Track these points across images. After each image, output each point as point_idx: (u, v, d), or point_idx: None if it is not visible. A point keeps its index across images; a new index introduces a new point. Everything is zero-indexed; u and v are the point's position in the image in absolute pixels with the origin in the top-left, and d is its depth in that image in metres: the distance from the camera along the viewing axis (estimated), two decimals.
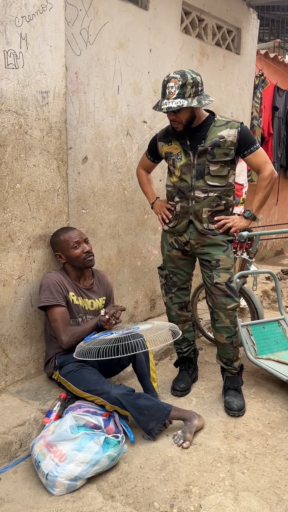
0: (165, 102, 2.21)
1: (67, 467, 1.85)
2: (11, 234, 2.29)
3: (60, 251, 2.42)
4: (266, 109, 5.14)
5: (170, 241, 2.58)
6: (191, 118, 2.31)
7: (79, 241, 2.39)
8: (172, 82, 2.18)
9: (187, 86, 2.17)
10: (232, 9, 3.92)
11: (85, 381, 2.22)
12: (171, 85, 2.19)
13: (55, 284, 2.33)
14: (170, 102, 2.19)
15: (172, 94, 2.19)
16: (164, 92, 2.22)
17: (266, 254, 6.41)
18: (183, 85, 2.17)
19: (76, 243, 2.39)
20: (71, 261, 2.42)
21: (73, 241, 2.38)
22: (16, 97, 2.20)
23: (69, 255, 2.39)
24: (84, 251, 2.40)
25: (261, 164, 2.42)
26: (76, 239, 2.39)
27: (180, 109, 2.22)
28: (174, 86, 2.18)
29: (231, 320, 2.47)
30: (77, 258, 2.39)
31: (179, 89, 2.17)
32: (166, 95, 2.21)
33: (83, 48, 2.68)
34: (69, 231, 2.42)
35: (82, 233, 2.47)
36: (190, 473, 1.96)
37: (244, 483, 1.90)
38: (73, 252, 2.38)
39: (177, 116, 2.27)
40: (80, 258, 2.39)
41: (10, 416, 2.17)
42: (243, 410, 2.46)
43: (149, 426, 2.14)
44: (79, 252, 2.39)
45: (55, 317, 2.31)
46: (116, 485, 1.90)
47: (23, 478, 1.94)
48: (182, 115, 2.27)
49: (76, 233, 2.42)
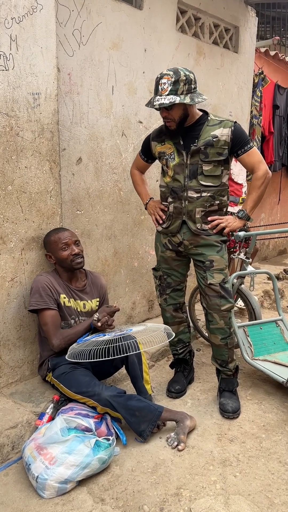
0: (157, 98, 2.19)
1: (57, 470, 1.84)
2: (3, 236, 2.29)
3: (50, 251, 2.42)
4: (266, 107, 5.09)
5: (163, 242, 2.57)
6: (184, 116, 2.29)
7: (68, 242, 2.39)
8: (165, 78, 2.17)
9: (179, 83, 2.16)
10: (229, 7, 3.89)
11: (76, 383, 2.21)
12: (163, 82, 2.17)
13: (45, 287, 2.32)
14: (162, 98, 2.18)
15: (165, 90, 2.17)
16: (157, 88, 2.20)
17: (269, 253, 6.36)
18: (176, 81, 2.16)
19: (65, 245, 2.38)
20: (59, 262, 2.42)
21: (62, 242, 2.38)
22: (6, 99, 2.20)
23: (58, 256, 2.39)
24: (72, 253, 2.38)
25: (255, 164, 2.39)
26: (65, 240, 2.38)
27: (173, 106, 2.21)
28: (167, 83, 2.17)
29: (225, 322, 2.45)
30: (64, 259, 2.39)
31: (172, 85, 2.16)
32: (159, 92, 2.19)
33: (76, 49, 2.67)
34: (60, 232, 2.42)
35: (74, 234, 2.46)
36: (181, 476, 1.94)
37: (235, 486, 1.88)
38: (61, 254, 2.38)
39: (169, 113, 2.25)
40: (68, 260, 2.39)
41: (2, 418, 2.17)
42: (238, 412, 2.43)
43: (141, 428, 2.13)
44: (66, 254, 2.38)
45: (45, 320, 2.31)
46: (107, 488, 1.89)
47: (14, 481, 1.94)
48: (175, 112, 2.25)
49: (66, 234, 2.41)
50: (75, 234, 2.50)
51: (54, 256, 2.41)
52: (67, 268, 2.43)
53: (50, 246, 2.41)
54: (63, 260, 2.39)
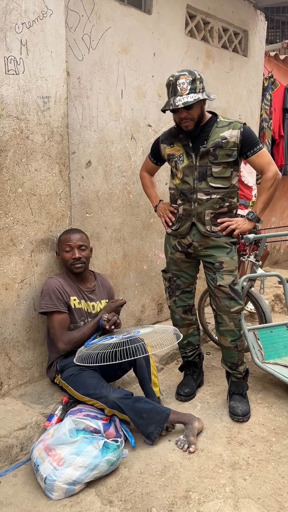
0: (178, 98, 2.19)
1: (65, 471, 1.84)
2: (13, 238, 2.31)
3: (58, 250, 2.48)
4: (276, 111, 5.08)
5: (173, 244, 2.57)
6: (201, 115, 2.31)
7: (72, 245, 2.40)
8: (183, 78, 2.18)
9: (196, 81, 2.19)
10: (238, 11, 3.90)
11: (84, 385, 2.21)
12: (182, 82, 2.18)
13: (55, 290, 2.33)
14: (184, 97, 2.17)
15: (185, 89, 2.18)
16: (175, 89, 2.20)
17: (280, 257, 6.32)
18: (193, 80, 2.18)
19: (69, 247, 2.40)
20: (62, 262, 2.47)
21: (66, 244, 2.41)
22: (17, 103, 2.23)
23: (61, 256, 2.45)
24: (73, 257, 2.39)
25: (265, 165, 2.38)
26: (69, 242, 2.40)
27: (193, 105, 2.22)
28: (185, 82, 2.18)
29: (235, 323, 2.43)
30: (65, 261, 2.43)
31: (191, 84, 2.18)
32: (178, 92, 2.19)
33: (86, 53, 2.70)
34: (69, 233, 2.44)
35: (83, 238, 2.45)
36: (190, 478, 1.93)
37: (245, 489, 1.86)
38: (63, 255, 2.43)
39: (189, 112, 2.25)
40: (68, 263, 2.42)
41: (11, 419, 2.17)
42: (247, 415, 2.41)
43: (148, 430, 2.12)
44: (68, 256, 2.41)
45: (53, 324, 2.33)
46: (115, 490, 1.88)
47: (22, 482, 1.94)
48: (195, 111, 2.26)
49: (74, 237, 2.42)
50: (85, 238, 2.48)
51: (60, 255, 2.46)
52: (69, 270, 2.45)
53: (59, 244, 2.47)
54: (64, 261, 2.44)
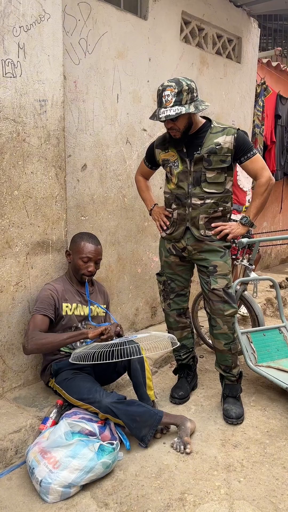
0: (162, 110, 2.20)
1: (60, 474, 1.83)
2: (9, 241, 2.31)
3: (72, 251, 2.45)
4: (268, 117, 5.15)
5: (167, 247, 2.58)
6: (189, 125, 2.31)
7: (91, 258, 2.40)
8: (168, 90, 2.18)
9: (183, 93, 2.17)
10: (232, 18, 3.95)
11: (78, 389, 2.21)
12: (167, 93, 2.18)
13: (49, 296, 2.33)
14: (167, 110, 2.18)
15: (169, 102, 2.18)
16: (161, 101, 2.21)
17: (271, 262, 6.37)
18: (179, 92, 2.17)
19: (87, 259, 2.39)
20: (73, 266, 2.45)
21: (86, 255, 2.39)
22: (14, 106, 2.23)
23: (75, 261, 2.42)
24: (88, 269, 2.40)
25: (258, 171, 2.40)
26: (90, 254, 2.39)
27: (178, 117, 2.22)
28: (170, 94, 2.17)
29: (229, 327, 2.45)
30: (78, 269, 2.42)
31: (176, 96, 2.17)
32: (163, 104, 2.20)
33: (82, 57, 2.72)
34: (91, 243, 2.42)
35: (101, 252, 2.45)
36: (185, 481, 1.94)
37: (240, 491, 1.87)
38: (78, 262, 2.40)
39: (175, 124, 2.27)
40: (80, 272, 2.42)
41: (6, 422, 2.16)
42: (241, 418, 2.43)
43: (142, 433, 2.12)
44: (83, 266, 2.40)
45: (30, 322, 2.27)
46: (111, 492, 1.88)
47: (17, 485, 1.93)
48: (180, 122, 2.26)
49: (95, 250, 2.41)
50: (101, 251, 2.48)
51: (72, 257, 2.44)
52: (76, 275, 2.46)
53: (75, 248, 2.43)
54: (77, 268, 2.42)
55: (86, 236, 2.47)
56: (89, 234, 2.50)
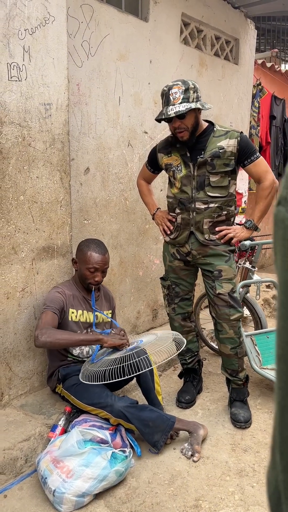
0: (170, 108, 2.19)
1: (74, 483, 1.82)
2: (15, 246, 2.28)
3: (78, 260, 2.40)
4: (263, 118, 5.17)
5: (172, 252, 2.57)
6: (196, 124, 2.30)
7: (98, 268, 2.35)
8: (176, 88, 2.19)
9: (189, 91, 2.19)
10: (230, 20, 3.95)
11: (88, 394, 2.19)
12: (174, 91, 2.19)
13: (59, 298, 2.30)
14: (176, 106, 2.18)
15: (177, 99, 2.18)
16: (168, 99, 2.20)
17: (266, 262, 6.41)
18: (186, 89, 2.18)
19: (94, 269, 2.34)
20: (79, 275, 2.40)
21: (92, 265, 2.33)
22: (19, 110, 2.20)
23: (82, 271, 2.37)
24: (95, 279, 2.36)
25: (262, 174, 2.41)
26: (97, 265, 2.34)
27: (186, 115, 2.22)
28: (178, 91, 2.18)
29: (235, 331, 2.46)
30: (84, 278, 2.37)
31: (183, 93, 2.18)
32: (171, 101, 2.19)
33: (85, 60, 2.69)
34: (98, 253, 2.35)
35: (107, 262, 2.40)
36: (199, 487, 1.94)
37: (254, 497, 1.88)
38: (85, 271, 2.35)
39: (182, 122, 2.25)
40: (86, 281, 2.37)
41: (14, 431, 2.14)
42: (249, 421, 2.44)
43: (154, 438, 2.12)
44: (90, 276, 2.35)
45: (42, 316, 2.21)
46: (124, 500, 1.87)
47: (29, 495, 1.91)
48: (188, 120, 2.25)
49: (101, 260, 2.35)
50: (108, 259, 2.42)
51: (79, 266, 2.39)
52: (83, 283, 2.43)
53: (82, 257, 2.37)
54: (83, 277, 2.38)
55: (93, 245, 2.39)
56: (96, 242, 2.42)
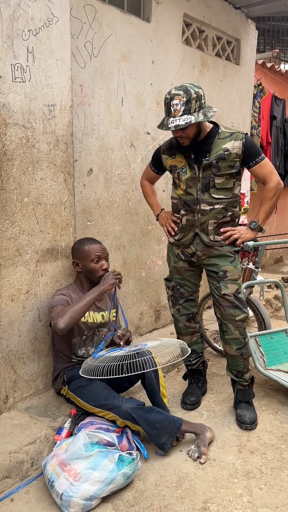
0: (171, 120, 2.16)
1: (82, 487, 1.81)
2: (19, 248, 2.27)
3: (79, 259, 2.40)
4: (264, 118, 5.17)
5: (176, 253, 2.57)
6: (198, 132, 2.29)
7: (101, 256, 2.37)
8: (176, 99, 2.14)
9: (191, 101, 2.14)
10: (231, 20, 3.95)
11: (95, 396, 2.18)
12: (175, 103, 2.14)
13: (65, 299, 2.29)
14: (177, 119, 2.15)
15: (178, 111, 2.14)
16: (169, 110, 2.17)
17: (266, 262, 6.41)
18: (188, 101, 2.13)
19: (97, 258, 2.36)
20: (86, 273, 2.40)
21: (95, 255, 2.36)
22: (23, 111, 2.19)
23: (87, 267, 2.37)
24: (103, 267, 2.37)
25: (267, 175, 2.40)
26: (98, 253, 2.37)
27: (188, 126, 2.18)
28: (179, 103, 2.14)
29: (240, 332, 2.45)
30: (93, 272, 2.37)
31: (185, 105, 2.13)
32: (172, 113, 2.16)
33: (88, 61, 2.68)
34: (95, 243, 2.40)
35: (106, 249, 2.44)
36: (206, 489, 1.93)
37: (262, 499, 1.87)
38: (91, 265, 2.36)
39: (184, 132, 2.23)
40: (96, 274, 2.37)
41: (20, 434, 2.13)
42: (255, 423, 2.43)
43: (161, 440, 2.11)
44: (97, 267, 2.36)
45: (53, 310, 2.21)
46: (132, 503, 1.86)
47: (36, 499, 1.90)
48: (189, 130, 2.23)
49: (100, 247, 2.40)
50: (106, 248, 2.47)
51: (82, 265, 2.39)
52: (91, 280, 2.41)
53: (81, 254, 2.38)
54: (92, 272, 2.37)
55: (86, 240, 2.46)
56: (87, 238, 2.49)
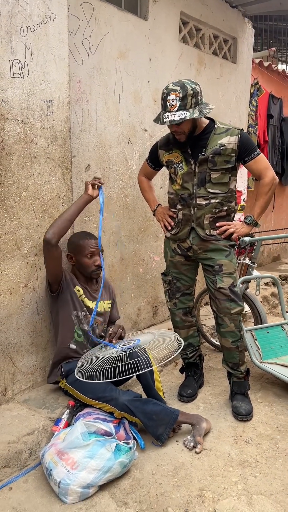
0: (166, 115, 2.20)
1: (79, 475, 1.84)
2: (18, 242, 2.30)
3: (73, 253, 2.46)
4: (261, 117, 5.21)
5: (172, 247, 2.60)
6: (193, 128, 2.32)
7: (94, 252, 2.43)
8: (173, 94, 2.17)
9: (187, 97, 2.17)
10: (228, 19, 3.99)
11: (92, 389, 2.21)
12: (171, 98, 2.18)
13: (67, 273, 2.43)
14: (172, 115, 2.19)
15: (174, 106, 2.18)
16: (165, 105, 2.20)
17: (264, 260, 6.45)
18: (184, 97, 2.16)
19: (91, 253, 2.42)
20: (79, 267, 2.46)
21: (89, 250, 2.42)
22: (21, 106, 2.22)
23: (80, 261, 2.43)
24: (95, 263, 2.43)
25: (262, 170, 2.43)
26: (92, 249, 2.42)
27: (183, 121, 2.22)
28: (175, 99, 2.17)
29: (235, 325, 2.48)
30: (86, 267, 2.43)
31: (180, 101, 2.16)
32: (167, 108, 2.19)
33: (85, 58, 2.72)
34: (90, 238, 2.46)
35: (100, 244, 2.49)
36: (202, 478, 1.96)
37: (257, 486, 1.90)
38: (84, 260, 2.42)
39: (179, 127, 2.27)
40: (89, 269, 2.44)
41: (18, 425, 2.16)
42: (251, 414, 2.46)
43: (158, 431, 2.14)
44: (90, 262, 2.43)
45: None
46: (129, 491, 1.89)
47: (34, 487, 1.93)
48: (184, 126, 2.27)
49: (95, 243, 2.45)
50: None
51: (75, 258, 2.45)
52: (84, 274, 2.47)
53: (75, 248, 2.45)
54: (84, 267, 2.44)
55: (82, 233, 2.52)
56: (84, 232, 2.55)
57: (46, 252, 2.25)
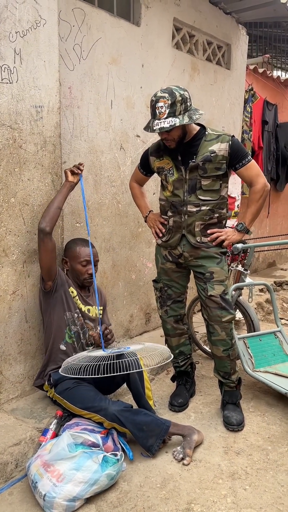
0: (156, 122, 2.19)
1: (65, 487, 1.79)
2: (6, 249, 2.26)
3: (68, 258, 2.49)
4: (256, 123, 5.20)
5: (164, 254, 2.57)
6: (183, 135, 2.31)
7: (89, 261, 2.45)
8: (161, 102, 2.16)
9: (176, 104, 2.15)
10: (221, 25, 3.99)
11: (82, 398, 2.18)
12: (160, 105, 2.16)
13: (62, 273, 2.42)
14: (161, 122, 2.17)
15: (163, 114, 2.17)
16: (154, 112, 2.19)
17: (259, 266, 6.42)
18: (173, 103, 2.15)
19: (86, 262, 2.45)
20: (72, 272, 2.48)
21: (83, 259, 2.45)
22: (10, 112, 2.20)
23: (74, 267, 2.47)
24: (88, 272, 2.45)
25: (253, 177, 2.41)
26: (87, 258, 2.44)
27: (172, 128, 2.20)
28: (164, 106, 2.16)
29: (227, 333, 2.45)
30: (79, 274, 2.46)
31: (169, 108, 2.15)
32: (157, 116, 2.18)
33: (76, 63, 2.70)
34: (87, 246, 2.47)
35: (96, 254, 2.53)
36: (191, 490, 1.92)
37: (246, 500, 1.86)
38: (78, 267, 2.45)
39: (169, 134, 2.26)
40: (81, 276, 2.46)
41: (5, 435, 2.11)
42: (242, 424, 2.42)
43: (149, 443, 2.10)
44: (83, 270, 2.45)
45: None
46: (116, 505, 1.85)
47: (19, 500, 1.88)
48: (174, 133, 2.25)
49: (93, 252, 2.46)
50: (97, 253, 2.56)
51: (70, 264, 2.48)
52: (76, 281, 2.47)
53: (71, 254, 2.48)
54: (77, 274, 2.46)
55: (80, 240, 2.53)
56: (82, 239, 2.56)
57: (40, 243, 2.28)
